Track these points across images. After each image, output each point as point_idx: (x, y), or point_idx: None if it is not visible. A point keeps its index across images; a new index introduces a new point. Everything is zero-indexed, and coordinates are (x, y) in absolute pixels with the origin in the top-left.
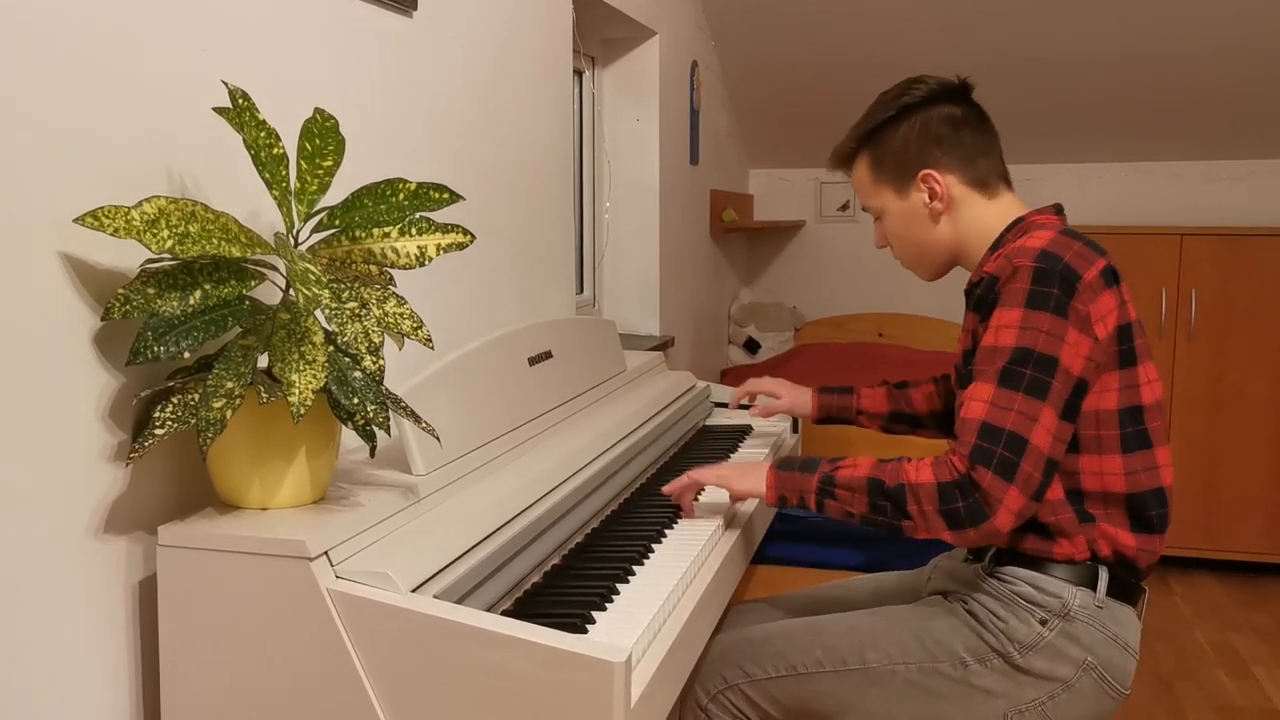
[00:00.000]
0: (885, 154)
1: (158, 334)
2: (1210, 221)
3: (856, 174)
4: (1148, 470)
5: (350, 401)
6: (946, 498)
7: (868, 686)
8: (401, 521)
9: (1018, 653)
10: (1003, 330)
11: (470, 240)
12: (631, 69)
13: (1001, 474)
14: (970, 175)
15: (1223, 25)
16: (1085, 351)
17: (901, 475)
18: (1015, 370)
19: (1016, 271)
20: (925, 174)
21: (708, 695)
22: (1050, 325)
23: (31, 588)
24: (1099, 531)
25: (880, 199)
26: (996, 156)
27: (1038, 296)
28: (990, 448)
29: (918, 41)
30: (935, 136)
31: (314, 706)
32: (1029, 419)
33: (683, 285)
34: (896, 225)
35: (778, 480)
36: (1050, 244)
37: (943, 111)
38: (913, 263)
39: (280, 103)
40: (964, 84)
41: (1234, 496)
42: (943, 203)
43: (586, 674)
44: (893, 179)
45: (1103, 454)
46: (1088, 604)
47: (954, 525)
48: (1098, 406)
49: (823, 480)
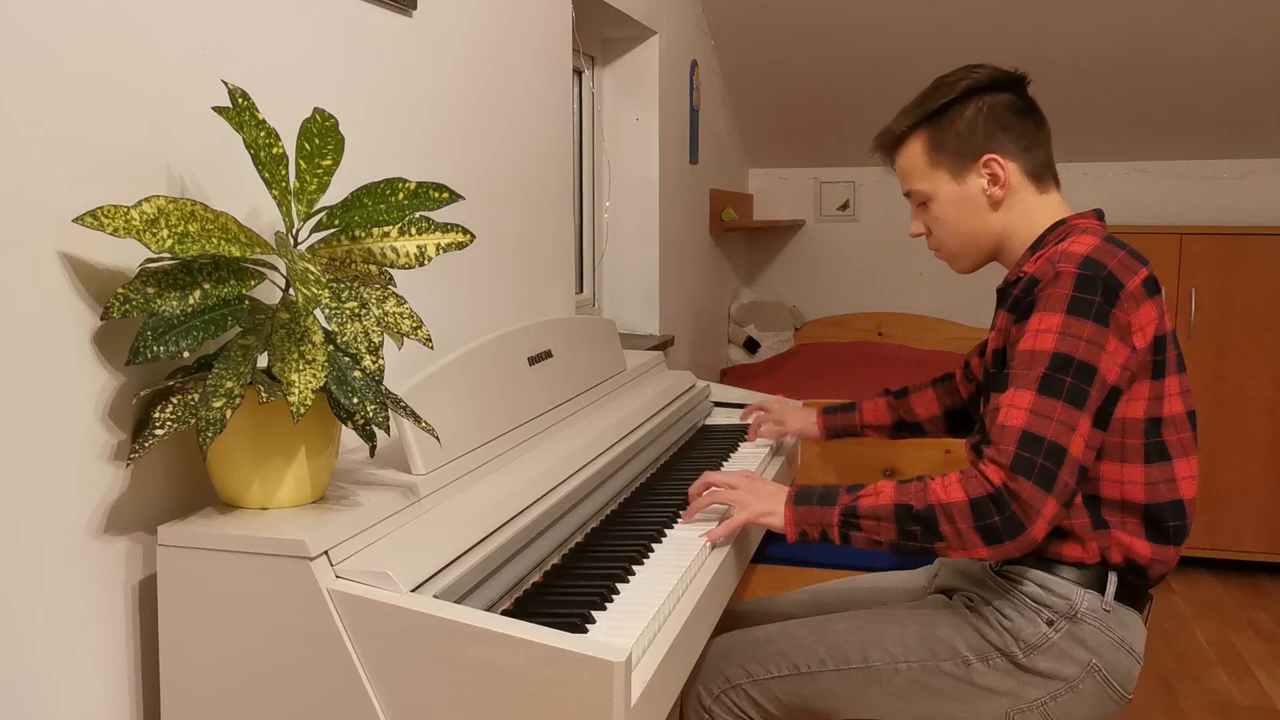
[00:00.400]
0: (947, 135)
1: (157, 333)
2: (1210, 221)
3: (908, 155)
4: (1167, 482)
5: (350, 401)
6: (981, 513)
7: (870, 685)
8: (401, 521)
9: (1022, 652)
10: (1042, 335)
11: (470, 240)
12: (631, 68)
13: (1042, 484)
14: (1029, 166)
15: (1223, 24)
16: (1123, 360)
17: (929, 496)
18: (1055, 378)
19: (1059, 276)
20: (989, 158)
21: (711, 695)
22: (1091, 333)
23: (31, 587)
24: (1113, 539)
25: (933, 182)
26: (1049, 152)
27: (1080, 303)
28: (1031, 457)
29: (918, 41)
30: (1001, 121)
31: (314, 706)
32: (1068, 428)
33: (682, 284)
34: (947, 210)
35: (796, 516)
36: (1094, 250)
37: (1007, 98)
38: (954, 252)
39: (280, 102)
40: (1022, 75)
41: (1234, 495)
42: (1003, 189)
43: (587, 674)
44: (952, 161)
45: (1125, 462)
46: (1095, 607)
47: (991, 540)
48: (1125, 415)
49: (844, 512)
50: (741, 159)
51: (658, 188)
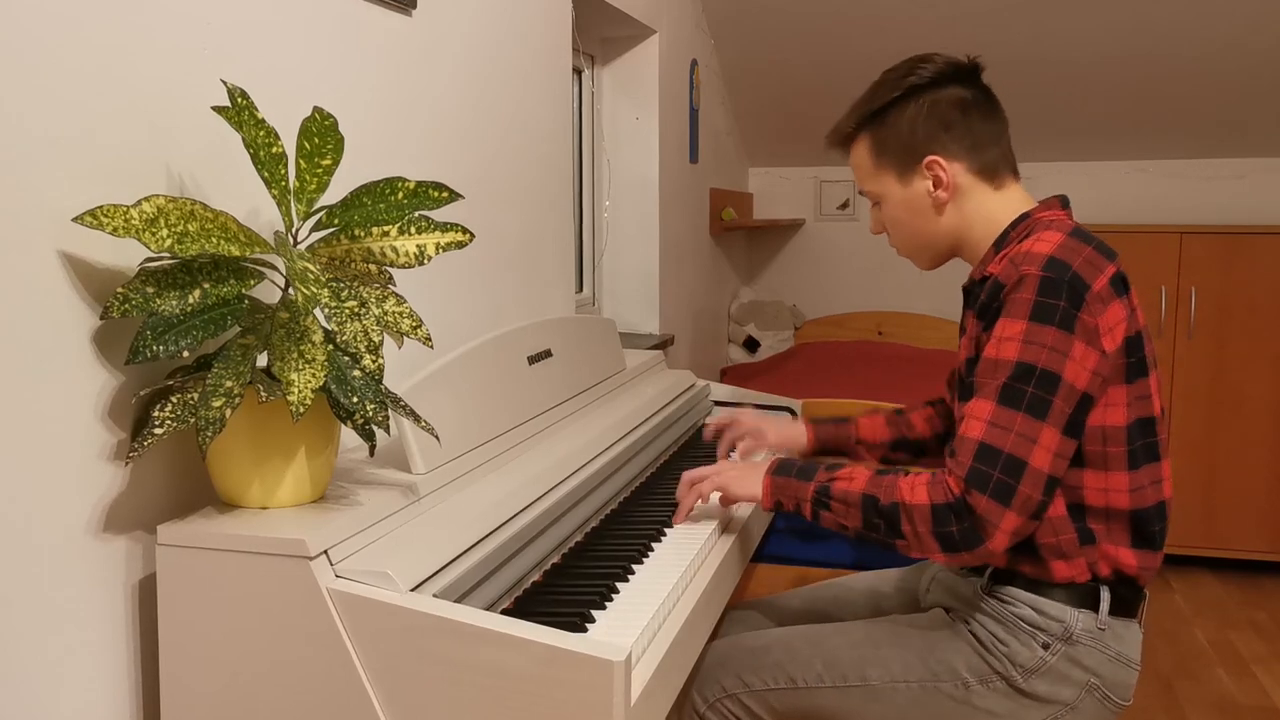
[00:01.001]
0: (889, 136)
1: (157, 333)
2: (1210, 220)
3: (856, 155)
4: (1154, 484)
5: (350, 400)
6: (941, 520)
7: (868, 703)
8: (401, 520)
9: (1020, 676)
10: (1005, 343)
11: (469, 239)
12: (631, 67)
13: (997, 498)
14: (977, 164)
15: (1222, 24)
16: (1092, 365)
17: (896, 494)
18: (1016, 388)
19: (1022, 280)
20: (931, 160)
21: (705, 703)
22: (1054, 340)
23: (31, 587)
24: (1099, 552)
25: (880, 184)
26: (1005, 144)
27: (1042, 308)
28: (987, 471)
29: (917, 40)
30: (943, 121)
31: (314, 706)
32: (1028, 440)
33: (682, 284)
34: (896, 212)
35: (774, 485)
36: (1059, 249)
37: (952, 94)
38: (911, 251)
39: (279, 102)
40: (974, 64)
41: (1233, 494)
42: (947, 192)
43: (586, 673)
44: (896, 163)
45: (1109, 470)
46: (1090, 626)
47: (948, 548)
48: (1104, 422)
49: (818, 490)
50: (741, 158)
51: (658, 187)
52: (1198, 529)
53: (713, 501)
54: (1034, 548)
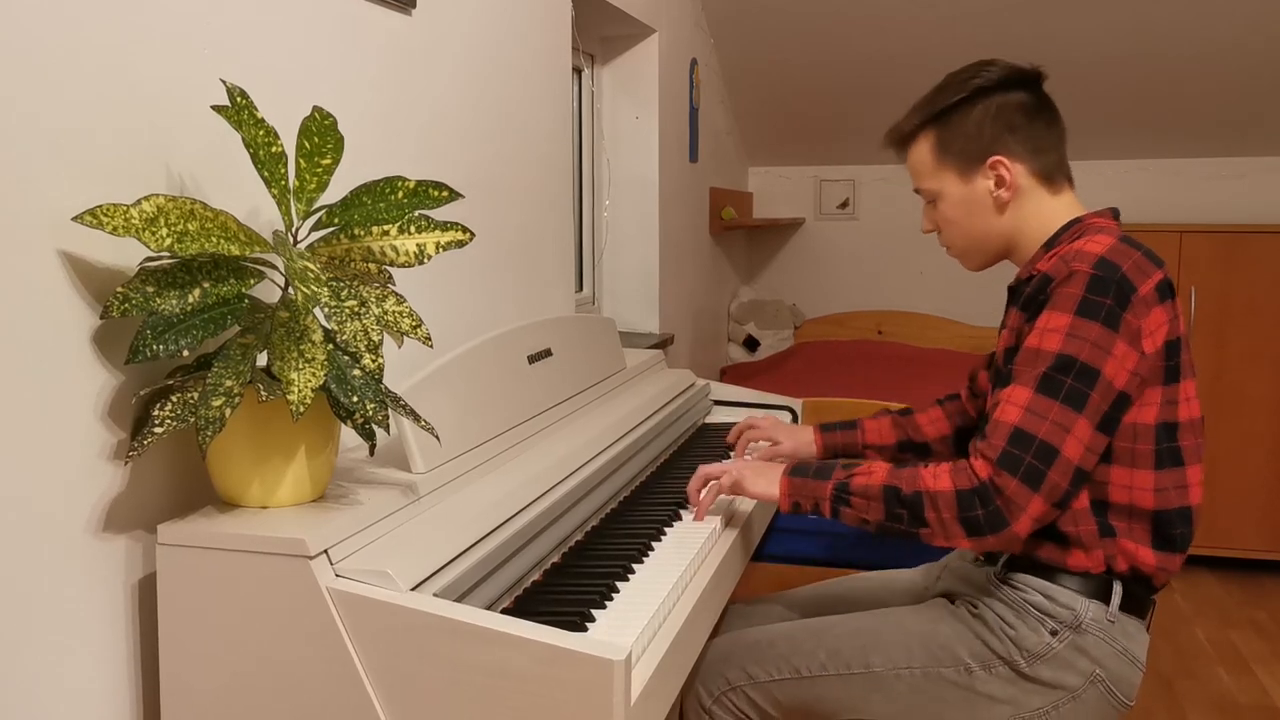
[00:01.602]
0: (954, 135)
1: (157, 332)
2: (1210, 219)
3: (916, 154)
4: (1178, 489)
5: (349, 400)
6: (965, 505)
7: (871, 691)
8: (401, 520)
9: (1025, 661)
10: (1049, 334)
11: (469, 238)
12: (631, 66)
13: (1027, 482)
14: (1038, 167)
15: (1223, 23)
16: (1131, 365)
17: (919, 482)
18: (1055, 378)
19: (1072, 276)
20: (996, 160)
21: (711, 696)
22: (1098, 336)
23: (31, 586)
24: (1119, 547)
25: (940, 182)
26: (1063, 152)
27: (1089, 305)
28: (1019, 455)
29: (917, 39)
30: (1009, 123)
31: (314, 705)
32: (1062, 429)
33: (682, 283)
34: (954, 211)
35: (791, 486)
36: (1109, 251)
37: (1017, 98)
38: (963, 251)
39: (279, 101)
40: (1038, 72)
41: (1233, 494)
42: (1009, 192)
43: (587, 672)
44: (959, 162)
45: (1135, 468)
46: (1100, 617)
47: (973, 533)
48: (1136, 420)
49: (837, 488)
50: (741, 157)
51: (657, 186)
52: (1198, 528)
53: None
54: (1054, 535)
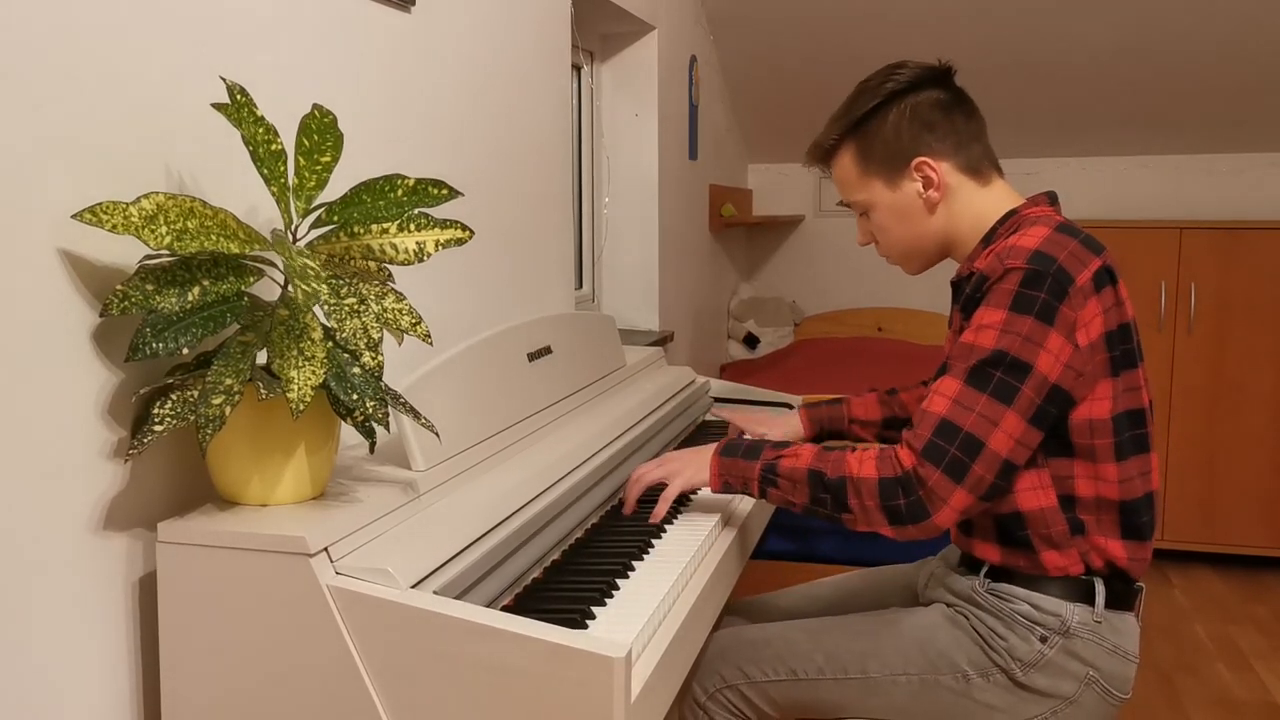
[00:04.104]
0: (874, 143)
1: (156, 330)
2: (1210, 215)
3: (840, 168)
4: (1142, 476)
5: (349, 398)
6: (887, 493)
7: (868, 696)
8: (401, 517)
9: (1019, 670)
10: (983, 330)
11: (469, 236)
12: (630, 64)
13: (950, 474)
14: (963, 161)
15: (1222, 20)
16: (1066, 359)
17: (844, 468)
18: (985, 371)
19: (1007, 273)
20: (920, 161)
21: (706, 693)
22: (1030, 330)
23: (31, 585)
24: (1090, 544)
25: (868, 192)
26: (985, 142)
27: (1023, 299)
28: (944, 446)
29: (916, 36)
30: (927, 122)
31: (314, 703)
32: (989, 421)
33: (682, 280)
34: (886, 218)
35: (721, 466)
36: (1045, 243)
37: (931, 96)
38: (902, 257)
39: (278, 99)
40: (947, 67)
41: (1233, 490)
42: (938, 191)
43: (587, 669)
44: (883, 169)
45: (1097, 462)
46: (1086, 619)
47: (894, 521)
48: (1091, 415)
49: (765, 468)
50: (741, 154)
51: (657, 183)
52: (1198, 525)
53: (714, 499)
54: (1026, 540)
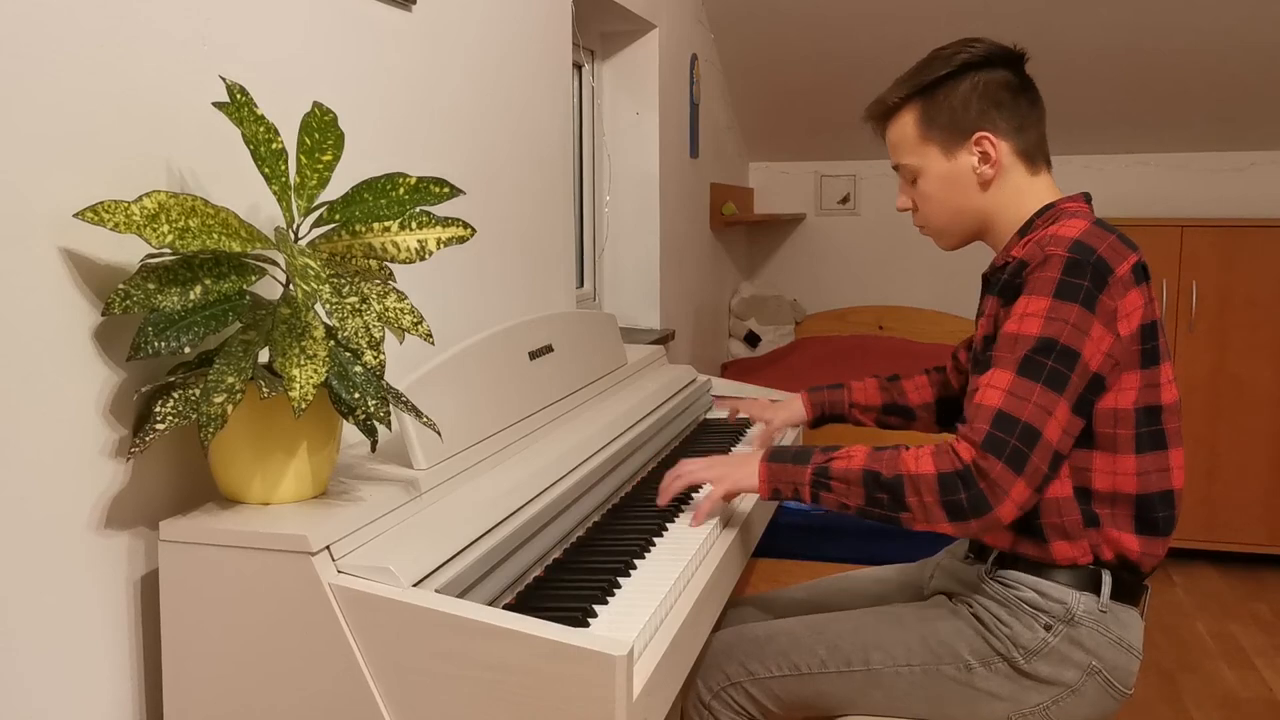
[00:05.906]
0: (940, 110)
1: (158, 329)
2: (1211, 213)
3: (899, 128)
4: (1160, 472)
5: (351, 396)
6: (948, 488)
7: (871, 688)
8: (403, 516)
9: (1022, 657)
10: (1028, 319)
11: (470, 234)
12: (631, 62)
13: (1012, 465)
14: (1021, 145)
15: (1223, 17)
16: (1106, 347)
17: (900, 466)
18: (1037, 360)
19: (1048, 260)
20: (981, 136)
21: (710, 691)
22: (1076, 317)
23: (33, 584)
24: (1103, 536)
25: (922, 157)
26: (1043, 132)
27: (1067, 287)
28: (1004, 438)
29: (918, 34)
30: (995, 100)
31: (316, 701)
32: (1045, 411)
33: (683, 279)
34: (935, 186)
35: (770, 473)
36: (1085, 234)
37: (1002, 76)
38: (939, 229)
39: (279, 98)
40: (1022, 52)
41: (1234, 487)
42: (993, 168)
43: (589, 668)
44: (943, 136)
45: (1117, 453)
46: (1091, 609)
47: (955, 516)
48: (1116, 405)
49: (816, 472)
50: (742, 153)
51: (658, 182)
52: (1199, 522)
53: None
54: (1038, 529)
